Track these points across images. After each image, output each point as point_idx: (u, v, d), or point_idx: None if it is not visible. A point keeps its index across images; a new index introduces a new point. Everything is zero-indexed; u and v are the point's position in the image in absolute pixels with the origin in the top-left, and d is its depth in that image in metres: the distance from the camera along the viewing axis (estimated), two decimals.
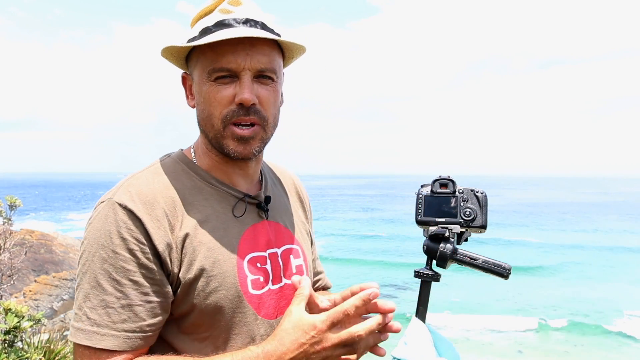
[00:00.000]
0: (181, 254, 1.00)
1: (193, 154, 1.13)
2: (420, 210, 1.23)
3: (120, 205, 0.98)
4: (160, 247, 0.97)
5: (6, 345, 3.18)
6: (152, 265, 0.97)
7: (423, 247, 1.23)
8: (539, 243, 33.73)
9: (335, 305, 1.01)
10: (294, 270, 1.19)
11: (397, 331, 0.98)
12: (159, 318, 0.98)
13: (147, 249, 0.96)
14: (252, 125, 1.04)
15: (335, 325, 0.92)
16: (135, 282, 0.95)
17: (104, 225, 0.97)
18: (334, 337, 0.91)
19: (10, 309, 3.19)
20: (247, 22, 1.03)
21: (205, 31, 1.02)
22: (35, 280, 18.11)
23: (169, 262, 0.99)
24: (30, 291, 17.32)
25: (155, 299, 0.97)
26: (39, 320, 3.43)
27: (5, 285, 4.88)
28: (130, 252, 0.95)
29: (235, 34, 0.97)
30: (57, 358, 3.93)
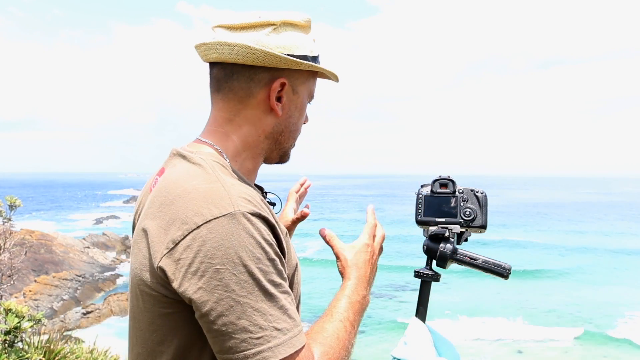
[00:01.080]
0: (286, 251, 1.04)
1: (225, 157, 1.09)
2: (420, 210, 1.23)
3: (251, 214, 0.92)
4: (284, 246, 1.02)
5: (6, 345, 3.18)
6: (283, 268, 1.00)
7: (423, 247, 1.23)
8: (541, 244, 33.49)
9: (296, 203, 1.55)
10: None
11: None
12: None
13: (280, 253, 0.98)
14: None
15: (374, 235, 1.21)
16: (285, 280, 0.97)
17: (248, 237, 0.90)
18: (376, 243, 1.20)
19: (10, 309, 3.19)
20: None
21: (316, 59, 1.13)
22: (35, 280, 18.10)
23: (284, 259, 1.03)
24: (30, 291, 17.32)
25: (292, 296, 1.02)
26: (39, 320, 3.44)
27: (5, 285, 4.88)
28: (277, 254, 0.95)
29: (337, 74, 1.17)
30: (57, 358, 3.94)
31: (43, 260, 19.41)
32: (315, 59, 1.11)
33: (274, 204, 1.25)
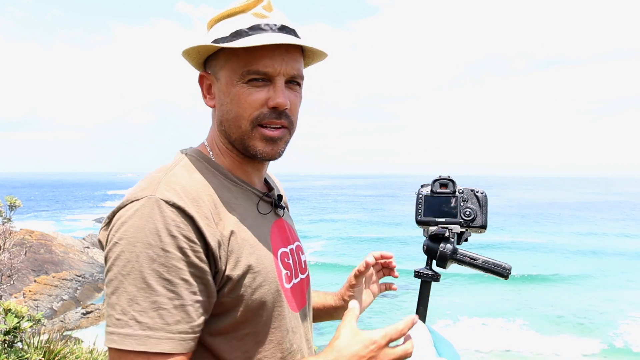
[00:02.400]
0: (227, 251, 1.00)
1: (210, 153, 1.13)
2: (420, 210, 1.23)
3: (166, 202, 0.94)
4: (213, 243, 0.96)
5: (6, 345, 3.18)
6: (202, 264, 0.94)
7: (423, 247, 1.23)
8: (545, 246, 33.11)
9: (368, 266, 1.38)
10: (303, 266, 1.24)
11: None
12: (204, 318, 0.97)
13: (197, 247, 0.94)
14: (280, 127, 1.07)
15: (391, 341, 0.97)
16: (186, 281, 0.92)
17: (149, 223, 0.92)
18: (390, 353, 0.96)
19: (10, 309, 3.19)
20: (283, 28, 1.05)
21: (239, 34, 1.03)
22: (35, 281, 18.09)
23: (218, 258, 0.98)
24: (30, 291, 17.30)
25: (202, 298, 0.95)
26: (39, 320, 3.43)
27: (5, 285, 4.88)
28: (181, 250, 0.92)
29: (277, 40, 1.00)
30: (56, 358, 3.93)
31: (43, 260, 19.39)
32: (234, 36, 1.03)
33: (283, 208, 1.21)
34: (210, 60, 1.10)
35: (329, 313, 1.46)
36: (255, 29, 1.03)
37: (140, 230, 0.92)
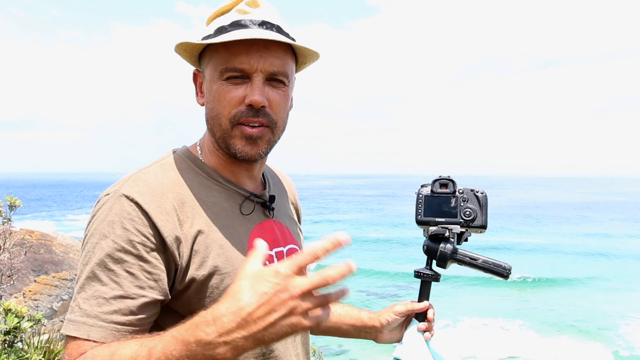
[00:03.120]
0: (191, 251, 0.99)
1: (199, 152, 1.13)
2: (420, 210, 1.22)
3: (127, 197, 0.96)
4: (169, 239, 0.96)
5: (6, 345, 3.18)
6: (153, 260, 0.95)
7: (423, 247, 1.22)
8: (548, 248, 32.87)
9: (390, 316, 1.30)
10: None
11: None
12: (150, 313, 0.96)
13: (149, 243, 0.94)
14: (260, 126, 1.04)
15: (301, 269, 0.76)
16: (131, 274, 0.93)
17: (107, 216, 0.96)
18: (304, 282, 0.74)
19: (10, 310, 3.19)
20: (263, 24, 1.03)
21: (221, 30, 1.02)
22: (35, 281, 18.08)
23: (177, 255, 0.97)
24: (30, 291, 17.30)
25: (150, 294, 0.94)
26: (39, 320, 3.43)
27: (5, 285, 4.88)
28: (131, 243, 0.93)
29: (249, 35, 0.97)
30: (57, 358, 3.93)
31: (43, 260, 19.38)
32: (218, 32, 1.02)
33: (273, 209, 1.17)
34: (201, 58, 1.10)
35: (357, 329, 1.39)
36: (235, 24, 1.02)
37: (100, 223, 0.96)
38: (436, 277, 1.22)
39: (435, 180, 1.24)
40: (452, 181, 1.22)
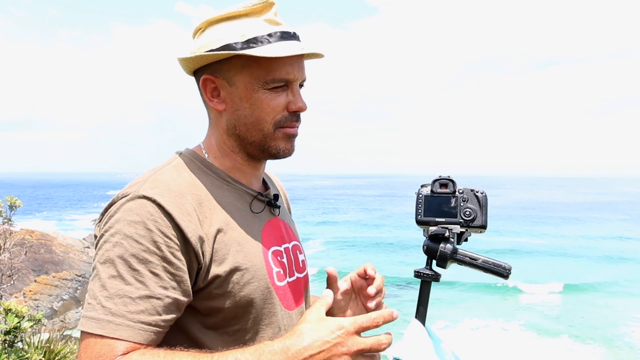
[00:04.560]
0: (212, 249, 1.01)
1: (206, 154, 1.15)
2: (420, 210, 1.23)
3: (148, 198, 0.98)
4: (193, 239, 0.98)
5: (6, 345, 3.18)
6: (176, 261, 0.96)
7: (423, 247, 1.22)
8: (547, 248, 32.63)
9: (352, 285, 1.24)
10: (301, 265, 1.24)
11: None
12: (173, 315, 0.97)
13: (173, 244, 0.96)
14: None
15: (363, 330, 0.91)
16: (156, 275, 0.94)
17: (129, 217, 0.96)
18: (360, 342, 0.89)
19: (10, 309, 3.19)
20: (296, 36, 1.10)
21: (258, 40, 1.04)
22: (35, 280, 18.09)
23: (201, 254, 0.99)
24: (30, 291, 17.30)
25: (173, 295, 0.96)
26: (39, 320, 3.43)
27: (5, 285, 4.88)
28: (155, 244, 0.95)
29: (306, 50, 1.07)
30: (57, 358, 3.93)
31: (43, 260, 19.38)
32: (251, 42, 1.04)
33: (278, 207, 1.21)
34: (216, 65, 1.09)
35: None
36: (274, 36, 1.06)
37: (121, 223, 0.97)
38: (436, 277, 1.22)
39: (435, 180, 1.24)
40: (452, 181, 1.22)
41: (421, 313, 1.24)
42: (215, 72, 1.10)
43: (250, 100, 1.08)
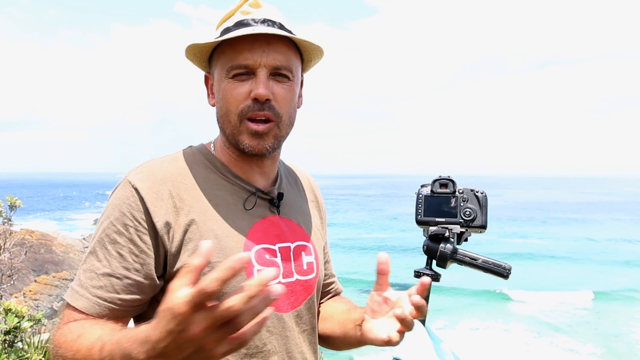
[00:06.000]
0: (183, 237, 1.02)
1: (213, 148, 1.18)
2: (420, 210, 1.22)
3: (130, 182, 1.04)
4: (159, 224, 1.01)
5: (6, 345, 3.18)
6: (142, 244, 1.01)
7: (423, 247, 1.22)
8: (547, 249, 32.26)
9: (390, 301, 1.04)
10: (305, 267, 1.19)
11: (278, 295, 0.70)
12: (133, 296, 1.01)
13: (141, 227, 1.01)
14: (267, 121, 1.07)
15: (199, 306, 0.68)
16: (121, 255, 1.00)
17: (113, 200, 1.05)
18: (204, 319, 0.68)
19: (10, 309, 3.19)
20: (265, 21, 1.07)
21: (226, 31, 1.07)
22: (35, 280, 18.08)
23: (167, 240, 1.02)
24: (30, 291, 17.29)
25: (134, 277, 1.01)
26: (39, 320, 3.43)
27: (5, 285, 4.88)
28: (125, 226, 1.01)
29: (249, 31, 1.02)
30: None
31: (43, 260, 19.38)
32: (222, 33, 1.07)
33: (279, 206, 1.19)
34: (211, 61, 1.14)
35: (348, 338, 1.18)
36: (239, 24, 1.07)
37: (108, 205, 1.06)
38: (436, 277, 1.22)
39: (435, 180, 1.24)
40: (452, 181, 1.22)
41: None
42: (210, 68, 1.15)
43: (220, 92, 1.09)
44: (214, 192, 1.10)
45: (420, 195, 1.23)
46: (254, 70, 1.04)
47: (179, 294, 0.67)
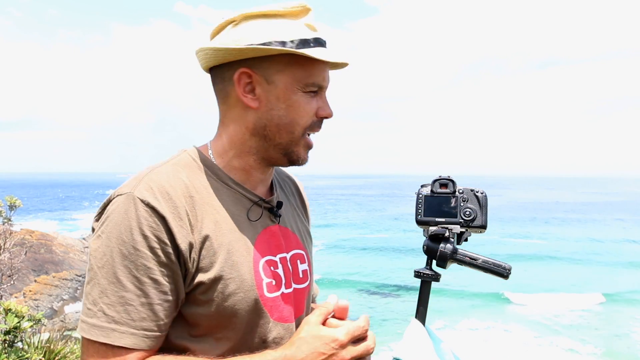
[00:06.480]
0: (199, 255, 1.00)
1: (211, 154, 1.13)
2: (420, 210, 1.22)
3: (142, 200, 0.97)
4: (183, 245, 0.98)
5: (6, 345, 3.18)
6: (172, 265, 0.98)
7: (423, 247, 1.22)
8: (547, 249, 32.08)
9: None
10: (301, 275, 1.20)
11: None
12: (172, 316, 1.00)
13: (168, 248, 0.97)
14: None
15: (354, 339, 0.98)
16: (155, 281, 0.96)
17: (125, 220, 0.96)
18: (353, 351, 0.97)
19: (10, 309, 3.19)
20: (325, 42, 1.10)
21: (306, 43, 1.04)
22: (35, 280, 18.09)
23: (189, 261, 0.99)
24: (30, 291, 17.30)
25: (171, 298, 0.98)
26: (39, 320, 3.43)
27: (5, 285, 4.88)
28: (152, 250, 0.95)
29: (340, 60, 1.07)
30: (57, 358, 3.93)
31: (43, 260, 19.38)
32: (298, 44, 1.02)
33: (279, 215, 1.17)
34: (254, 60, 1.05)
35: None
36: (316, 42, 1.06)
37: (117, 227, 0.97)
38: (436, 277, 1.22)
39: (435, 180, 1.24)
40: (452, 181, 1.22)
41: (421, 313, 1.24)
42: (253, 67, 1.05)
43: (288, 102, 1.06)
44: (219, 203, 1.07)
45: (420, 195, 1.23)
46: (322, 90, 1.10)
47: (341, 328, 0.98)
